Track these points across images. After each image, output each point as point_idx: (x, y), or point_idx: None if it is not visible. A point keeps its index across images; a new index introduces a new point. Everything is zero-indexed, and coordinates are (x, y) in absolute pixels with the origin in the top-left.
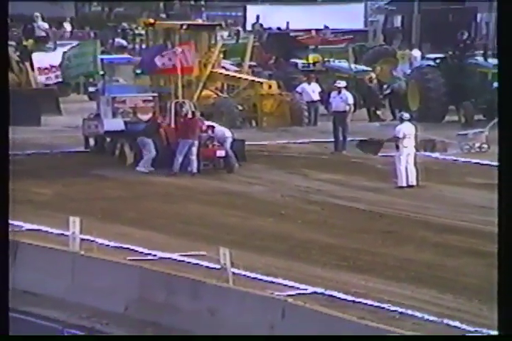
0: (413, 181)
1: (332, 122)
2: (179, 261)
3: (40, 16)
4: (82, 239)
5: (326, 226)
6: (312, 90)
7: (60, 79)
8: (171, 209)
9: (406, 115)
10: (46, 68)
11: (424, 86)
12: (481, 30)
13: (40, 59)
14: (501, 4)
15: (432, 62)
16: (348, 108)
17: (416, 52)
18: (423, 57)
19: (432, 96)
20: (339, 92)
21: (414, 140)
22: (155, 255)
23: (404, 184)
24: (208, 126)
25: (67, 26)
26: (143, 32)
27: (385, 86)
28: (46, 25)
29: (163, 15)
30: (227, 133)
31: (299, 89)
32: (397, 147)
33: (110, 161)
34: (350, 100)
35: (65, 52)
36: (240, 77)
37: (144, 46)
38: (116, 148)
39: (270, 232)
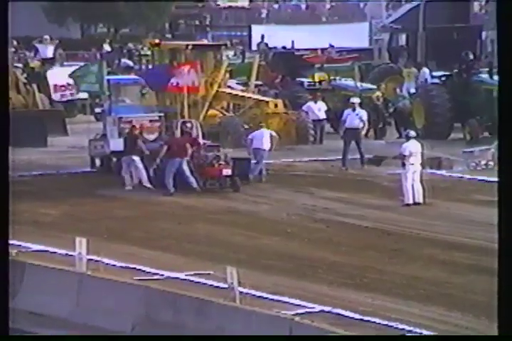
0: (419, 199)
1: (343, 139)
2: (186, 280)
3: (48, 38)
4: (89, 259)
5: (333, 245)
6: (318, 109)
7: (74, 97)
8: (177, 228)
9: (412, 133)
10: (63, 85)
11: (430, 103)
12: (486, 47)
13: (57, 76)
14: (500, 13)
15: (437, 80)
16: (362, 124)
17: (425, 70)
18: (432, 76)
19: (437, 113)
20: (354, 109)
21: (420, 157)
22: (162, 275)
23: (411, 201)
24: (213, 146)
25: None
26: (149, 52)
27: (389, 104)
28: (53, 47)
29: (169, 36)
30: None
31: (304, 107)
32: (403, 164)
33: (116, 181)
34: (365, 116)
35: (71, 73)
36: (245, 96)
37: (150, 66)
38: (122, 168)
39: (277, 251)
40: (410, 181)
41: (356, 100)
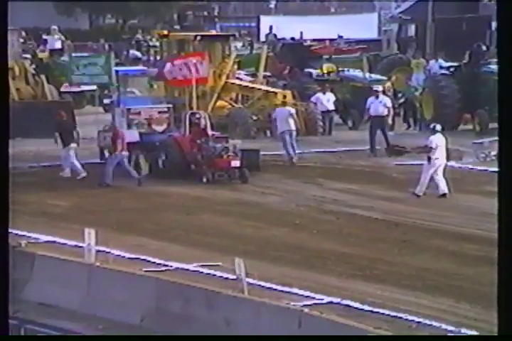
0: (445, 189)
1: (369, 127)
2: (195, 271)
3: (56, 29)
4: (98, 251)
5: (341, 236)
6: (327, 100)
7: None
8: (186, 220)
9: (438, 126)
10: None
11: (439, 94)
12: (495, 38)
13: None
14: (501, 9)
15: (446, 71)
16: (386, 111)
17: (434, 62)
18: (441, 67)
19: (446, 104)
20: (377, 97)
21: (445, 151)
22: (171, 266)
23: (421, 193)
24: (222, 137)
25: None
26: (157, 43)
27: (399, 95)
28: (62, 38)
29: (177, 27)
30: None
31: (313, 98)
32: (429, 157)
33: (125, 173)
34: (389, 103)
35: (71, 58)
36: (254, 88)
37: (158, 58)
38: (131, 159)
39: (285, 242)
40: (430, 173)
41: (380, 88)
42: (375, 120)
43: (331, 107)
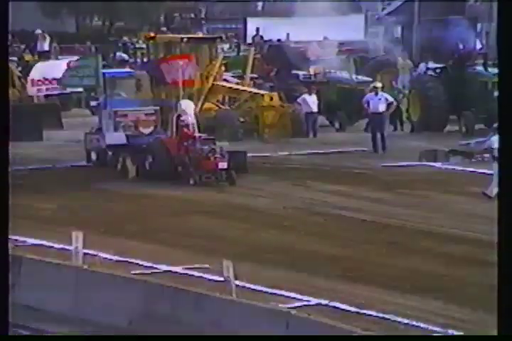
0: (494, 191)
1: (370, 124)
2: (183, 274)
3: (42, 32)
4: (86, 253)
5: (330, 238)
6: (312, 101)
7: (51, 92)
8: (173, 222)
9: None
10: (39, 80)
11: (425, 95)
12: (481, 40)
13: (37, 71)
14: (501, 12)
15: (432, 72)
16: (386, 108)
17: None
18: (427, 68)
19: (432, 105)
20: (376, 94)
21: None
22: (159, 268)
23: (493, 195)
24: (209, 139)
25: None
26: (144, 46)
27: None
28: (48, 40)
29: (164, 29)
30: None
31: (299, 100)
32: (494, 157)
33: (112, 175)
34: (390, 98)
35: (68, 69)
36: (241, 90)
37: (145, 60)
38: (118, 162)
39: (273, 244)
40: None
41: (378, 85)
42: (374, 117)
43: (316, 109)
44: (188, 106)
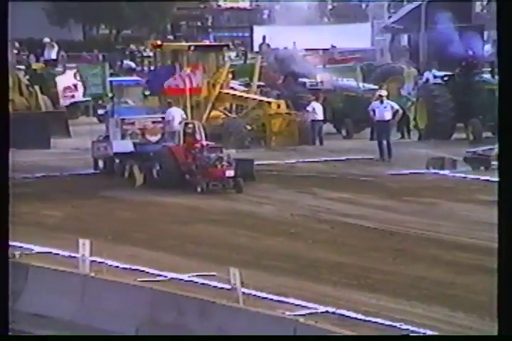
0: None
1: (376, 131)
2: (189, 281)
3: (50, 40)
4: (92, 261)
5: (336, 245)
6: (318, 109)
7: (78, 99)
8: (180, 229)
9: None
10: (68, 87)
11: (432, 103)
12: (487, 47)
13: (63, 79)
14: (501, 9)
15: (439, 80)
16: (391, 116)
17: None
18: (435, 76)
19: (439, 113)
20: (381, 102)
21: None
22: (165, 276)
23: None
24: (216, 147)
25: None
26: (151, 54)
27: None
28: (56, 49)
29: (171, 37)
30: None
31: (309, 107)
32: None
33: (119, 183)
34: (396, 106)
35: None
36: (248, 97)
37: (152, 68)
38: (125, 170)
39: (280, 252)
40: None
41: (384, 93)
42: (380, 125)
43: (321, 117)
44: (176, 114)
